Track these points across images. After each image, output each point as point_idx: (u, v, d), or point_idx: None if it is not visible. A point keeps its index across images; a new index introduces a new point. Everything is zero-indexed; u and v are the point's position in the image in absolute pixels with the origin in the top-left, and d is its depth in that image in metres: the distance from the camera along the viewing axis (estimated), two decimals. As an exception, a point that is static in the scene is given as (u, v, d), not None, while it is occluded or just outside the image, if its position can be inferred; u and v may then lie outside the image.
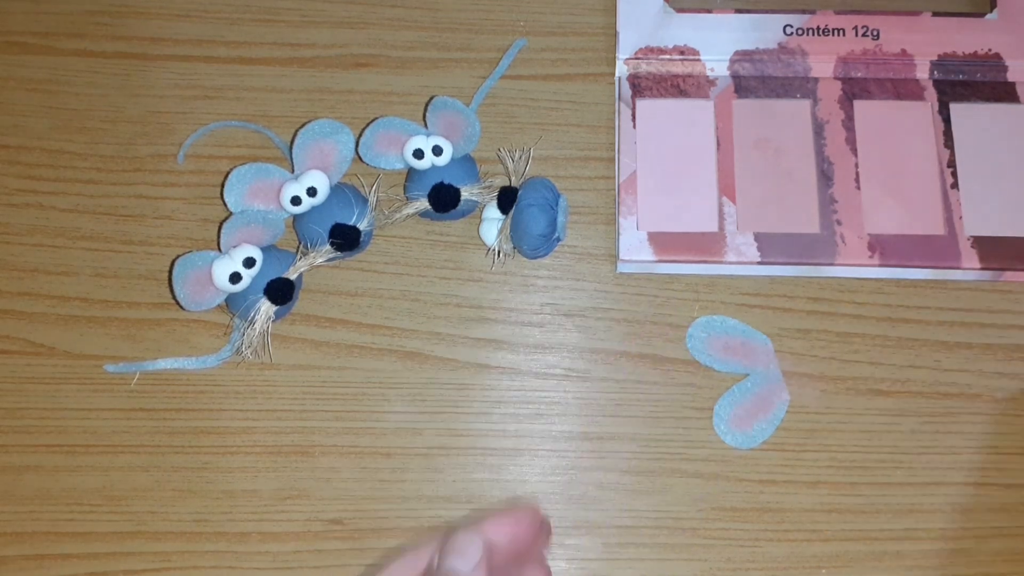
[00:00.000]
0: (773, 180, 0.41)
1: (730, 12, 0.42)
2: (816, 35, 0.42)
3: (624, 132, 0.41)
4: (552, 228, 0.38)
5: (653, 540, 0.38)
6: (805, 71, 0.42)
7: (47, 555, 0.37)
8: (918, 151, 0.41)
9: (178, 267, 0.36)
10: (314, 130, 0.39)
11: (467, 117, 0.39)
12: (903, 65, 0.42)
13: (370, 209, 0.39)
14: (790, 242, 0.40)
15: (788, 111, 0.42)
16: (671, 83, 0.42)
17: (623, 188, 0.40)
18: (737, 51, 0.42)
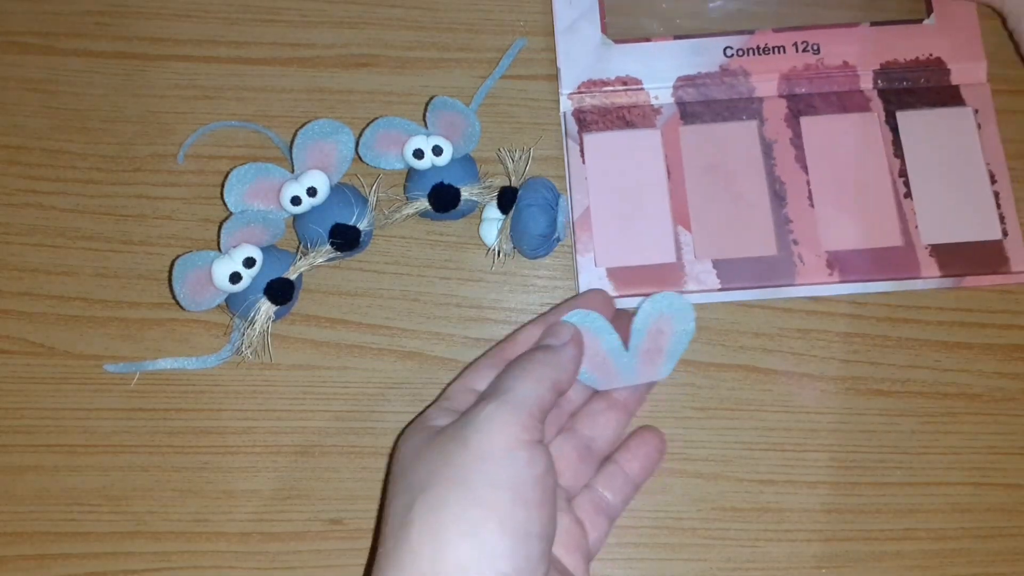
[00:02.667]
0: (726, 204, 0.41)
1: (669, 39, 0.42)
2: (757, 54, 0.42)
3: (574, 168, 0.41)
4: (552, 228, 0.38)
5: (653, 540, 0.38)
6: (749, 91, 0.42)
7: (47, 555, 0.37)
8: (869, 163, 0.41)
9: (178, 267, 0.36)
10: (314, 130, 0.39)
11: (467, 117, 0.39)
12: (846, 77, 0.42)
13: (370, 209, 0.39)
14: (748, 266, 0.40)
15: (735, 134, 0.41)
16: (616, 115, 0.42)
17: (578, 225, 0.40)
18: (679, 77, 0.42)
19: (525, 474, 0.29)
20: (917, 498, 0.38)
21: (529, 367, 0.32)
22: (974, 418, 0.39)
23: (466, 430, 0.30)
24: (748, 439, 0.39)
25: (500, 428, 0.30)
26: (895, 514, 0.38)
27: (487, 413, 0.30)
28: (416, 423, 0.33)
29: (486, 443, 0.30)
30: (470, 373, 0.35)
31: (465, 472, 0.29)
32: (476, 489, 0.29)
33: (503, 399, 0.31)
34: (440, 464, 0.30)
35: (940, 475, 0.39)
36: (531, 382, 0.31)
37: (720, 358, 0.40)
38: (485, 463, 0.29)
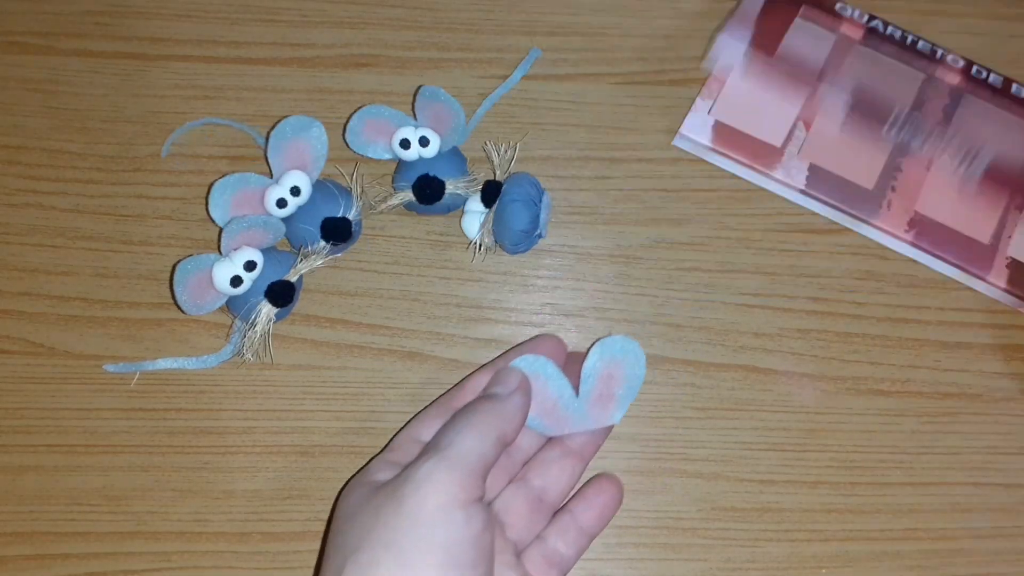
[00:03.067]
0: (853, 126, 0.42)
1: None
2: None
3: (739, 14, 0.42)
4: (535, 224, 0.38)
5: (653, 540, 0.38)
6: (933, 52, 0.43)
7: (47, 555, 0.37)
8: (1004, 164, 0.41)
9: (179, 272, 0.36)
10: (285, 130, 0.39)
11: (454, 109, 0.39)
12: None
13: (355, 198, 0.39)
14: (840, 185, 0.41)
15: (901, 74, 0.42)
16: (810, 3, 0.43)
17: (716, 74, 0.42)
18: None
19: (460, 535, 0.29)
20: (917, 498, 0.38)
21: (472, 419, 0.32)
22: (974, 418, 0.39)
23: (402, 489, 0.29)
24: (748, 439, 0.39)
25: (436, 488, 0.29)
26: (895, 514, 0.38)
27: (425, 471, 0.30)
28: (358, 476, 0.33)
29: (420, 503, 0.29)
30: (416, 423, 0.35)
31: (397, 534, 0.29)
32: (407, 552, 0.28)
33: (442, 455, 0.30)
34: (373, 524, 0.29)
35: (940, 475, 0.39)
36: (473, 436, 0.31)
37: (720, 358, 0.40)
38: (418, 525, 0.29)
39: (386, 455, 0.34)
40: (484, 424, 0.31)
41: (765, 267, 0.41)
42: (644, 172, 0.42)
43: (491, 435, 0.31)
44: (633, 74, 0.44)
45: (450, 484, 0.29)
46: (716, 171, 0.42)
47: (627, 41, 0.44)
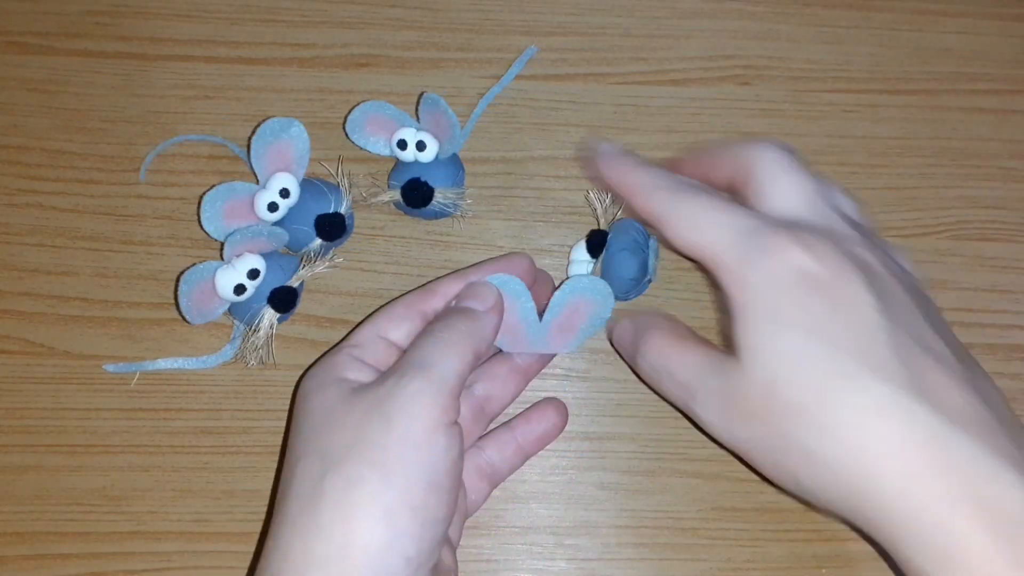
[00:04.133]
0: None
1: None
2: None
3: None
4: (644, 271, 0.38)
5: (653, 540, 0.38)
6: None
7: (47, 555, 0.37)
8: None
9: (183, 284, 0.36)
10: (265, 134, 0.38)
11: (450, 119, 0.39)
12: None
13: (345, 193, 0.39)
14: None
15: None
16: None
17: None
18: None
19: (442, 461, 0.30)
20: (917, 498, 0.38)
21: (452, 337, 0.32)
22: (974, 418, 0.39)
23: (389, 406, 0.30)
24: (748, 439, 0.39)
25: (423, 410, 0.30)
26: (895, 514, 0.38)
27: (412, 392, 0.30)
28: (324, 368, 0.33)
29: (409, 425, 0.29)
30: (382, 319, 0.35)
31: (385, 455, 0.29)
32: (395, 474, 0.29)
33: (427, 376, 0.30)
34: (358, 438, 0.29)
35: (940, 475, 0.39)
36: (454, 356, 0.31)
37: (720, 358, 0.40)
38: (406, 448, 0.29)
39: (352, 350, 0.34)
40: (463, 343, 0.32)
41: (765, 267, 0.41)
42: (644, 172, 0.42)
43: (469, 355, 0.32)
44: (633, 74, 0.44)
45: (436, 408, 0.30)
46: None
47: (627, 41, 0.44)
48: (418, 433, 0.29)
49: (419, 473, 0.29)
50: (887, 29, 0.45)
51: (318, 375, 0.33)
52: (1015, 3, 0.46)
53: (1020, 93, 0.44)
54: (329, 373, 0.32)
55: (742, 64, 0.44)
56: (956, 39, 0.45)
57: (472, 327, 0.33)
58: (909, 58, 0.45)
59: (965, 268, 0.41)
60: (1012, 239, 0.42)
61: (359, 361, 0.33)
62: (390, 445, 0.29)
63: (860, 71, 0.44)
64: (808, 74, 0.44)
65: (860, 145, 0.43)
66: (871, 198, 0.42)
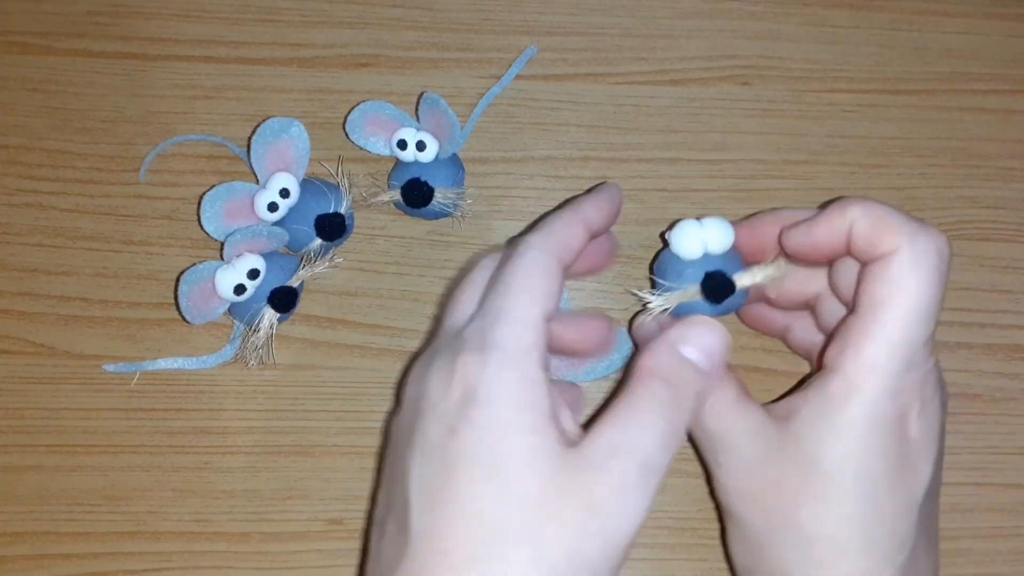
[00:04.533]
0: None
1: None
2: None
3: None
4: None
5: (653, 540, 0.38)
6: None
7: (47, 555, 0.37)
8: None
9: (183, 284, 0.36)
10: (265, 134, 0.38)
11: (450, 119, 0.39)
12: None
13: (345, 192, 0.39)
14: None
15: None
16: None
17: None
18: None
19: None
20: (917, 498, 0.38)
21: (661, 423, 0.28)
22: (974, 418, 0.39)
23: (597, 503, 0.27)
24: (748, 439, 0.39)
25: (632, 518, 0.27)
26: (895, 514, 0.38)
27: (630, 503, 0.27)
28: (517, 400, 0.27)
29: (617, 532, 0.27)
30: (540, 296, 0.29)
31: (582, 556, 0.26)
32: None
33: (646, 476, 0.27)
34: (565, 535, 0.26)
35: (940, 475, 0.39)
36: (662, 444, 0.28)
37: (720, 358, 0.40)
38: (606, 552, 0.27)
39: (535, 356, 0.28)
40: (671, 424, 0.29)
41: (765, 267, 0.41)
42: (644, 172, 0.42)
43: (677, 437, 0.29)
44: (633, 74, 0.44)
45: (642, 510, 0.28)
46: (716, 171, 0.42)
47: (627, 41, 0.44)
48: (620, 546, 0.27)
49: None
50: (887, 29, 0.45)
51: (519, 402, 0.27)
52: (1015, 3, 0.46)
53: (1020, 93, 0.44)
54: (532, 398, 0.27)
55: (742, 64, 0.44)
56: (956, 39, 0.45)
57: (686, 403, 0.29)
58: (909, 58, 0.45)
59: (965, 268, 0.41)
60: (1012, 239, 0.42)
61: (547, 374, 0.28)
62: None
63: (860, 71, 0.44)
64: (808, 74, 0.44)
65: (860, 145, 0.43)
66: (871, 198, 0.42)
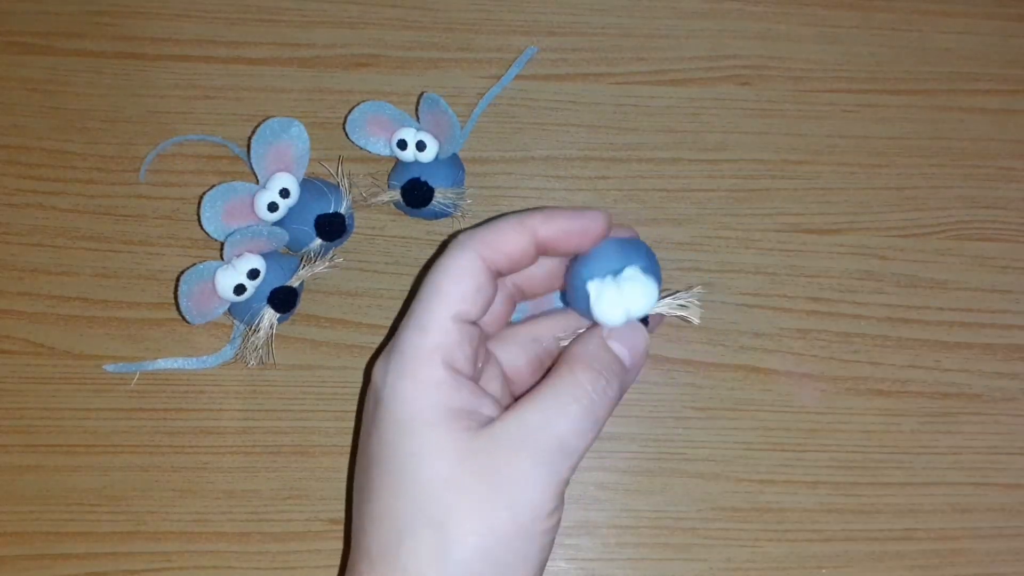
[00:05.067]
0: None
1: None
2: None
3: None
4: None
5: (653, 540, 0.38)
6: None
7: (47, 555, 0.37)
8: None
9: (183, 284, 0.36)
10: (265, 134, 0.38)
11: (450, 119, 0.39)
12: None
13: (345, 193, 0.39)
14: None
15: None
16: None
17: None
18: None
19: (544, 548, 0.28)
20: (917, 498, 0.38)
21: (581, 410, 0.29)
22: (974, 418, 0.39)
23: (505, 485, 0.27)
24: (748, 439, 0.39)
25: (539, 497, 0.28)
26: (895, 514, 0.38)
27: (531, 480, 0.27)
28: (421, 392, 0.28)
29: (521, 513, 0.27)
30: (452, 296, 0.29)
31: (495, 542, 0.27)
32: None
33: (547, 458, 0.28)
34: (471, 513, 0.27)
35: (940, 475, 0.39)
36: (588, 432, 0.29)
37: (720, 358, 0.40)
38: (517, 529, 0.27)
39: (439, 353, 0.29)
40: (595, 414, 0.29)
41: (765, 267, 0.41)
42: (644, 172, 0.42)
43: (597, 427, 0.30)
44: (633, 74, 0.44)
45: (551, 489, 0.28)
46: (716, 171, 0.42)
47: (627, 41, 0.44)
48: (530, 522, 0.27)
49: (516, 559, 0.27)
50: (887, 29, 0.45)
51: (414, 402, 0.28)
52: (1015, 3, 0.46)
53: (1020, 93, 0.44)
54: (428, 397, 0.28)
55: (742, 64, 0.44)
56: (956, 39, 0.45)
57: (608, 392, 0.29)
58: (909, 58, 0.45)
59: (965, 268, 0.42)
60: (1012, 239, 0.42)
61: (453, 372, 0.29)
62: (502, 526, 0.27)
63: (860, 71, 0.44)
64: (808, 74, 0.44)
65: (860, 145, 0.43)
66: (871, 198, 0.42)
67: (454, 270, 0.29)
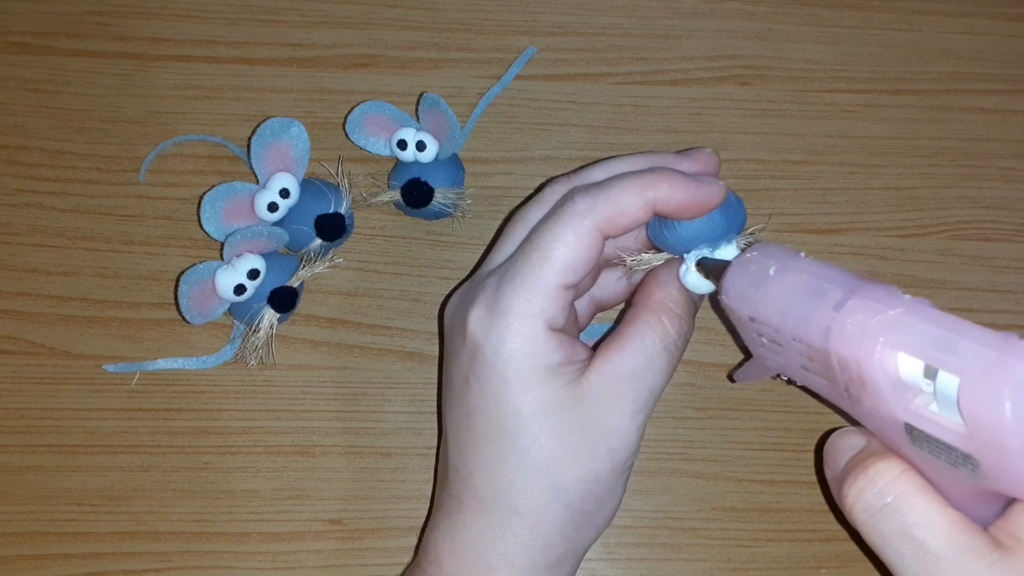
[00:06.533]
0: None
1: None
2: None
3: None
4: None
5: (653, 540, 0.38)
6: None
7: (47, 555, 0.37)
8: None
9: (183, 284, 0.36)
10: (265, 134, 0.39)
11: (450, 119, 0.39)
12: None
13: (344, 193, 0.40)
14: None
15: None
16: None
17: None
18: None
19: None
20: (917, 498, 0.38)
21: (658, 362, 0.32)
22: (974, 418, 0.39)
23: (595, 420, 0.30)
24: (748, 439, 0.39)
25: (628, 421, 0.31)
26: (895, 514, 0.38)
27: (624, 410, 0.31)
28: (523, 352, 0.30)
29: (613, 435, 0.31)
30: (560, 263, 0.30)
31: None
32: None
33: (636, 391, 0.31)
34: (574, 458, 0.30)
35: (940, 475, 0.39)
36: (662, 376, 0.32)
37: (720, 358, 0.40)
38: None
39: (543, 316, 0.30)
40: (667, 359, 0.32)
41: (765, 267, 0.41)
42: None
43: (668, 373, 0.33)
44: (633, 74, 0.44)
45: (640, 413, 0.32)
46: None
47: (627, 41, 0.44)
48: (625, 460, 0.31)
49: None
50: (887, 29, 0.45)
51: (518, 362, 0.30)
52: (1015, 3, 0.46)
53: (1020, 93, 0.44)
54: (532, 358, 0.30)
55: (742, 64, 0.44)
56: (956, 39, 0.45)
57: (687, 333, 0.32)
58: (909, 58, 0.45)
59: (965, 268, 0.42)
60: (1012, 239, 0.42)
61: (555, 332, 0.30)
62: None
63: (860, 71, 0.44)
64: (808, 74, 0.44)
65: (860, 145, 0.43)
66: (871, 198, 0.42)
67: (570, 239, 0.30)
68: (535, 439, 0.30)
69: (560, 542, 0.30)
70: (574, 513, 0.30)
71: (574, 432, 0.30)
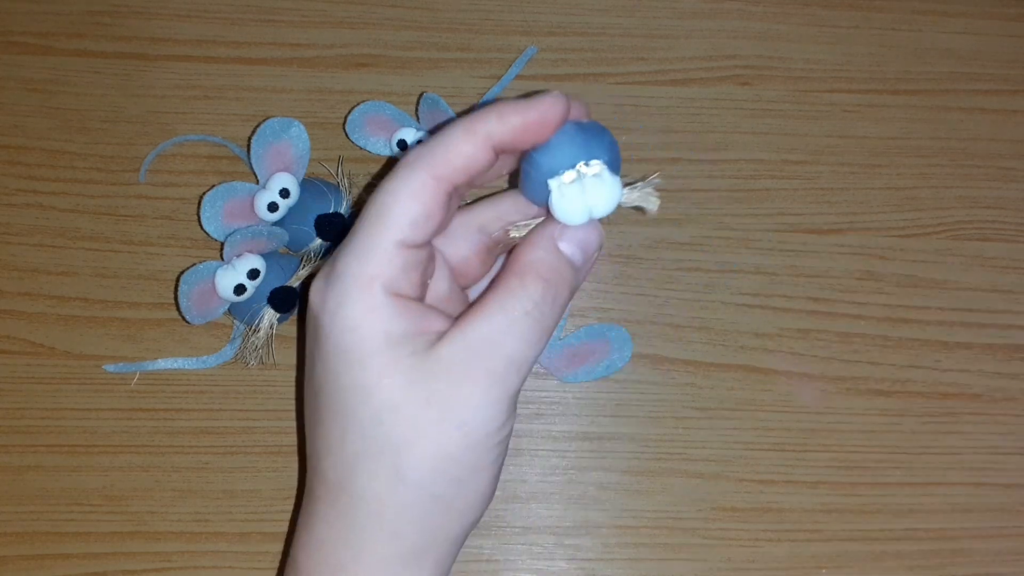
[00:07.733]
0: None
1: None
2: None
3: None
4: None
5: (653, 540, 0.38)
6: None
7: (47, 555, 0.37)
8: None
9: (183, 284, 0.36)
10: (265, 134, 0.39)
11: (450, 119, 0.39)
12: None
13: (344, 193, 0.40)
14: None
15: None
16: None
17: None
18: None
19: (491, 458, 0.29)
20: (917, 498, 0.38)
21: (528, 326, 0.28)
22: (974, 418, 0.39)
23: (450, 402, 0.27)
24: (748, 439, 0.39)
25: (486, 415, 0.27)
26: (895, 514, 0.38)
27: (478, 397, 0.27)
28: (369, 325, 0.27)
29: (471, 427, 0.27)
30: (400, 222, 0.27)
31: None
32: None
33: (496, 376, 0.27)
34: (416, 438, 0.27)
35: (940, 475, 0.39)
36: (532, 348, 0.28)
37: (720, 358, 0.40)
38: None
39: (380, 283, 0.27)
40: (537, 330, 0.28)
41: (765, 267, 0.41)
42: (644, 172, 0.42)
43: (542, 343, 0.29)
44: (633, 74, 0.44)
45: (501, 404, 0.28)
46: (716, 171, 0.42)
47: (627, 41, 0.44)
48: (482, 438, 0.27)
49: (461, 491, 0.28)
50: (887, 29, 0.45)
51: (355, 331, 0.27)
52: (1015, 3, 0.46)
53: (1020, 93, 0.44)
54: (370, 325, 0.27)
55: (742, 64, 0.44)
56: (956, 39, 0.45)
57: (559, 300, 0.28)
58: (909, 58, 0.45)
59: (965, 268, 0.42)
60: (1012, 239, 0.42)
61: (395, 297, 0.27)
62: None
63: (860, 71, 0.44)
64: (808, 74, 0.44)
65: (860, 145, 0.43)
66: (871, 198, 0.42)
67: (401, 193, 0.27)
68: (375, 415, 0.27)
69: (413, 531, 0.27)
70: (425, 497, 0.27)
71: (419, 406, 0.27)
